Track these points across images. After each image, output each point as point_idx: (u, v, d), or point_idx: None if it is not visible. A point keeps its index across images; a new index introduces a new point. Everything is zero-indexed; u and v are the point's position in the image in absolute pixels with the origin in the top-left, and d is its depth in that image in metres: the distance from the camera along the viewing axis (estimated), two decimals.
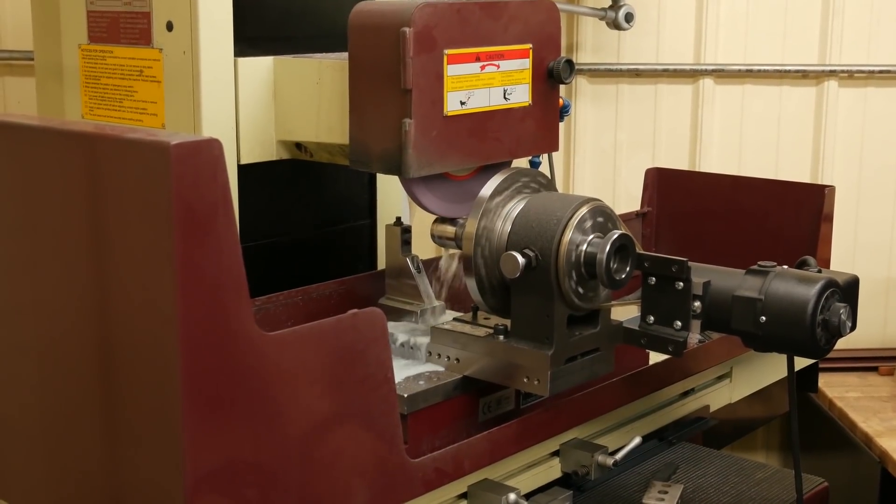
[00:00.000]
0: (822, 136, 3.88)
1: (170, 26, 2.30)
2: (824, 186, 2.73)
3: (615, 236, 1.90)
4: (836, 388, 3.77)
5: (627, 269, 1.93)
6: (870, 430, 3.44)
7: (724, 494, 2.21)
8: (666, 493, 2.07)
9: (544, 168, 3.04)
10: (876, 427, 3.46)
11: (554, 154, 3.33)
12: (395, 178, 2.15)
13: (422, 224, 2.44)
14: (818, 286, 1.85)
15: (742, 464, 2.35)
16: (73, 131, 1.65)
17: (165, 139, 1.45)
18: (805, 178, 3.87)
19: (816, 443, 3.71)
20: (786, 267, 1.92)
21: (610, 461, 2.03)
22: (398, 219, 2.36)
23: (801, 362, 2.52)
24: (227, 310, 1.51)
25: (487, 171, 2.24)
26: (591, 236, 1.92)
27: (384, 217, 2.73)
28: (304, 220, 2.62)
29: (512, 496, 1.91)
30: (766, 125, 3.89)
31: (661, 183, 3.01)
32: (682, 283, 1.91)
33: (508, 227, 1.97)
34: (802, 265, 1.98)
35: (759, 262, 1.92)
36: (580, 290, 1.93)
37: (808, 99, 3.88)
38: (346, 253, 2.71)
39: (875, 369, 3.94)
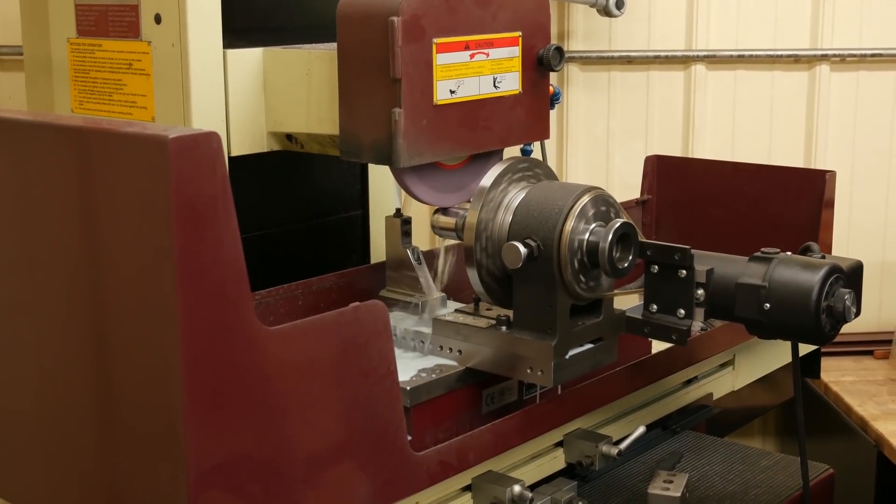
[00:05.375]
0: (814, 120, 3.87)
1: (158, 19, 2.28)
2: (825, 172, 2.73)
3: (617, 225, 1.88)
4: (832, 373, 3.76)
5: (630, 257, 1.91)
6: (865, 413, 3.44)
7: (730, 483, 2.20)
8: (671, 482, 2.06)
9: (536, 156, 3.03)
10: (871, 411, 3.46)
11: (547, 142, 3.31)
12: (387, 169, 2.14)
13: (415, 215, 2.42)
14: (822, 272, 1.84)
15: (746, 451, 2.35)
16: (69, 126, 1.64)
17: (163, 133, 1.43)
18: (798, 163, 3.87)
19: (812, 427, 3.70)
20: (789, 253, 1.91)
21: (614, 451, 2.03)
22: (398, 210, 2.35)
23: (803, 348, 2.51)
24: (228, 304, 1.49)
25: (478, 159, 2.24)
26: (593, 225, 1.91)
27: (376, 207, 2.72)
28: (296, 212, 2.61)
29: (517, 488, 1.90)
30: (759, 110, 3.89)
31: (660, 170, 3.00)
32: (685, 271, 1.90)
33: (509, 218, 1.96)
34: (806, 251, 1.97)
35: (762, 249, 1.92)
36: (583, 279, 1.92)
37: (800, 84, 3.87)
38: (338, 244, 2.71)
39: (870, 353, 3.94)
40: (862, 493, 3.40)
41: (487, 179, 1.99)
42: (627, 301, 2.20)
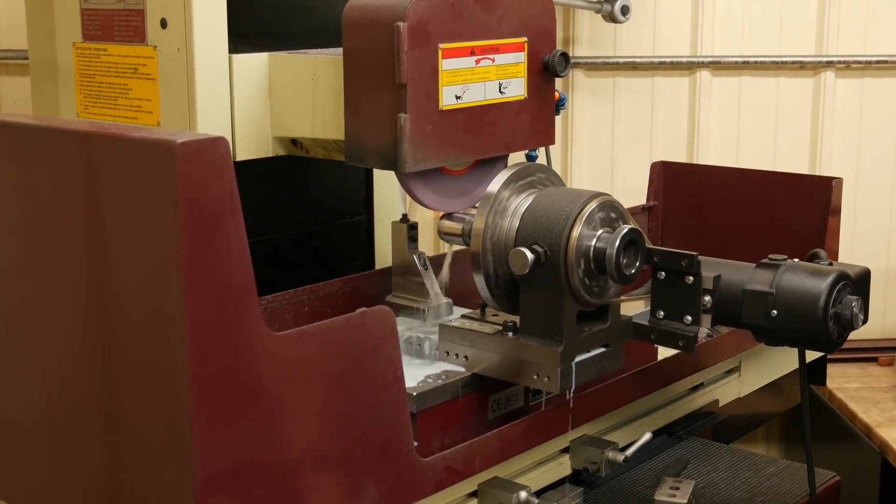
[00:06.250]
0: (819, 127, 3.86)
1: (164, 23, 2.28)
2: (832, 178, 2.72)
3: (625, 231, 1.88)
4: (836, 379, 3.76)
5: (637, 263, 1.91)
6: (870, 420, 3.44)
7: (736, 489, 2.20)
8: (678, 488, 2.05)
9: (541, 162, 3.03)
10: (876, 417, 3.45)
11: (552, 148, 3.31)
12: (392, 174, 2.14)
13: (419, 220, 2.42)
14: (830, 279, 1.84)
15: (753, 458, 2.34)
16: (76, 131, 1.64)
17: (171, 138, 1.43)
18: (803, 169, 3.86)
19: (816, 434, 3.68)
20: (796, 260, 1.90)
21: (620, 457, 2.02)
22: (404, 215, 2.35)
23: (809, 355, 2.51)
24: (235, 310, 1.49)
25: (483, 165, 2.24)
26: (601, 231, 1.91)
27: (381, 212, 2.72)
28: (301, 217, 2.61)
29: (523, 494, 1.89)
30: (764, 117, 3.88)
31: (666, 176, 3.00)
32: (692, 278, 1.90)
33: (517, 223, 1.96)
34: (813, 258, 1.97)
35: (769, 256, 1.91)
36: (590, 285, 1.91)
37: (805, 90, 3.86)
38: (342, 249, 2.70)
39: (875, 360, 3.94)
40: (866, 500, 3.40)
41: (495, 185, 1.98)
42: (634, 307, 2.19)
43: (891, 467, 3.28)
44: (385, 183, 2.71)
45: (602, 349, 2.01)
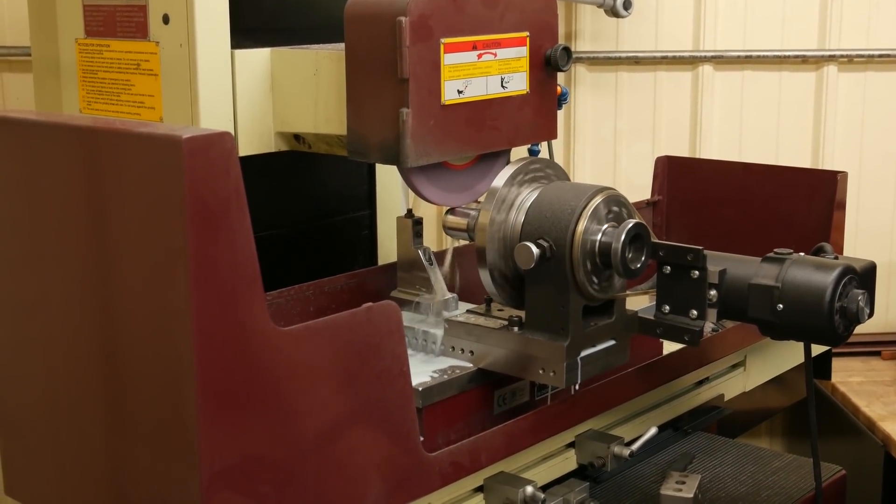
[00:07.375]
0: (822, 121, 3.86)
1: (166, 19, 2.27)
2: (836, 172, 2.72)
3: (630, 225, 1.88)
4: (839, 373, 3.75)
5: (643, 258, 1.91)
6: (873, 414, 3.43)
7: (742, 484, 2.20)
8: (683, 483, 2.06)
9: (543, 156, 3.02)
10: (879, 411, 3.45)
11: (554, 143, 3.31)
12: (394, 169, 2.14)
13: (422, 216, 2.42)
14: (835, 273, 1.84)
15: (758, 453, 2.34)
16: (81, 126, 1.64)
17: (177, 133, 1.43)
18: (806, 163, 3.86)
19: (820, 428, 3.67)
20: (802, 254, 1.90)
21: (626, 452, 2.02)
22: (409, 211, 2.34)
23: (814, 349, 2.50)
24: (241, 305, 1.49)
25: (486, 160, 2.24)
26: (606, 226, 1.91)
27: (383, 207, 2.72)
28: (303, 212, 2.61)
29: (529, 489, 1.90)
30: (766, 111, 3.87)
31: (671, 171, 3.00)
32: (697, 272, 1.90)
33: (522, 218, 1.96)
34: (819, 252, 1.96)
35: (775, 250, 1.91)
36: (595, 280, 1.91)
37: (807, 84, 3.85)
38: (345, 244, 2.71)
39: (878, 354, 3.93)
40: (869, 494, 3.40)
41: (500, 179, 1.98)
42: (640, 302, 2.19)
43: (894, 461, 3.28)
44: (387, 178, 2.71)
45: (607, 344, 2.01)
